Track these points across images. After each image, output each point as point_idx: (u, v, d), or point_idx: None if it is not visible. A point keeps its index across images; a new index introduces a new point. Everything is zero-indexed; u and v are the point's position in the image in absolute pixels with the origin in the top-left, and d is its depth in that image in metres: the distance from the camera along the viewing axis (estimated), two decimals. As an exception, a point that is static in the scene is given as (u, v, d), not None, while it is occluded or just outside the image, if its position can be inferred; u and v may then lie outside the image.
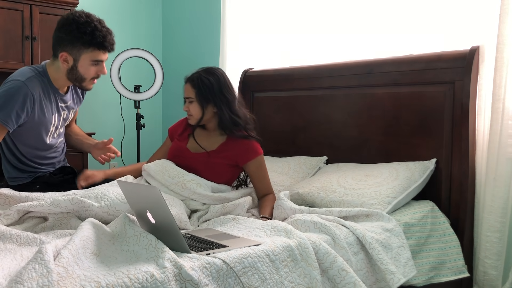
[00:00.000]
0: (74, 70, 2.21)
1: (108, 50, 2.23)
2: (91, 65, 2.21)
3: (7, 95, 2.13)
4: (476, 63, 2.33)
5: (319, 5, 3.22)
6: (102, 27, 2.18)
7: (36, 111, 2.22)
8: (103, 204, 1.94)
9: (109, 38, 2.20)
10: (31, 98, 2.17)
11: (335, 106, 2.88)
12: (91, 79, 2.27)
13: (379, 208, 2.20)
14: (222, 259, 1.53)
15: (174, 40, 4.51)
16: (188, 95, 2.35)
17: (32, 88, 2.17)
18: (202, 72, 2.35)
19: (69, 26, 2.15)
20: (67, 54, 2.18)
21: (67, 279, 1.32)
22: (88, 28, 2.14)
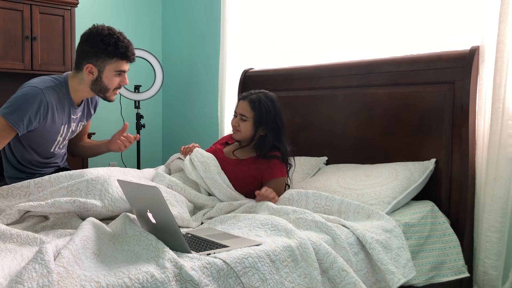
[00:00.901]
0: (99, 81, 2.28)
1: (130, 60, 2.30)
2: (114, 75, 2.28)
3: (23, 99, 2.16)
4: (476, 63, 2.33)
5: (319, 5, 3.22)
6: (124, 38, 2.26)
7: (48, 119, 2.24)
8: (107, 203, 1.93)
9: (131, 48, 2.28)
10: (45, 106, 2.20)
11: (335, 106, 2.88)
12: (114, 89, 2.33)
13: (379, 208, 2.20)
14: (222, 259, 1.53)
15: (174, 40, 4.51)
16: (244, 113, 2.40)
17: (48, 97, 2.20)
18: (262, 95, 2.41)
19: (93, 39, 2.22)
20: (92, 66, 2.24)
21: (67, 279, 1.32)
22: (111, 39, 2.21)
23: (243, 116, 2.40)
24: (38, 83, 2.23)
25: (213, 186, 2.29)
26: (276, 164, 2.39)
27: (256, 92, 2.44)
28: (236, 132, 2.44)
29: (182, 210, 2.07)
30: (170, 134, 4.59)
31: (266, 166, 2.38)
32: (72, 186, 2.00)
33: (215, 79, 3.91)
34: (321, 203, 2.19)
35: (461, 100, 2.34)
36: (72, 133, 2.47)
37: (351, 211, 2.14)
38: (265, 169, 2.38)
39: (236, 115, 2.45)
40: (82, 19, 4.12)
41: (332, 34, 3.17)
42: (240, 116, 2.41)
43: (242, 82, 3.43)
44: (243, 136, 2.42)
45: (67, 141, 2.50)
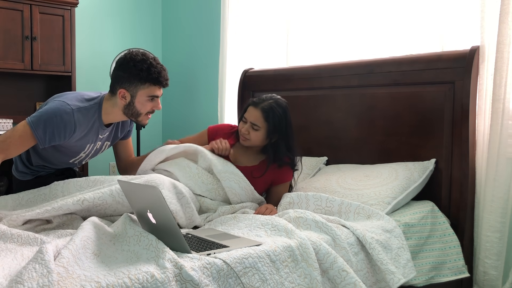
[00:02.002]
0: (131, 106, 2.26)
1: (163, 86, 2.28)
2: (147, 100, 2.26)
3: (52, 114, 2.14)
4: (476, 63, 2.33)
5: (319, 5, 3.22)
6: (157, 64, 2.24)
7: (74, 138, 2.23)
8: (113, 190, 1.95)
9: (164, 73, 2.25)
10: (73, 126, 2.18)
11: (335, 106, 2.88)
12: (146, 113, 2.31)
13: (379, 208, 2.20)
14: (222, 259, 1.53)
15: (174, 40, 4.51)
16: (256, 122, 2.29)
17: (77, 117, 2.18)
18: (274, 103, 2.31)
19: (126, 64, 2.22)
20: (125, 91, 2.23)
21: (67, 279, 1.32)
22: (144, 65, 2.20)
23: (254, 126, 2.29)
24: (72, 101, 2.21)
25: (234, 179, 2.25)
26: (287, 170, 2.39)
27: (268, 98, 2.32)
28: (245, 140, 2.33)
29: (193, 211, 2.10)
30: (170, 134, 4.59)
31: (277, 172, 2.37)
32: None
33: (215, 79, 3.91)
34: (321, 205, 2.20)
35: (461, 100, 2.34)
36: (96, 152, 2.47)
37: (352, 211, 2.15)
38: (276, 175, 2.38)
39: (246, 121, 2.32)
40: (82, 19, 4.12)
41: (332, 34, 3.16)
42: (252, 125, 2.30)
43: (242, 82, 3.43)
44: (252, 144, 2.33)
45: (89, 159, 2.49)
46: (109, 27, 4.35)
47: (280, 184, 2.40)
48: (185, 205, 2.06)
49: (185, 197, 2.06)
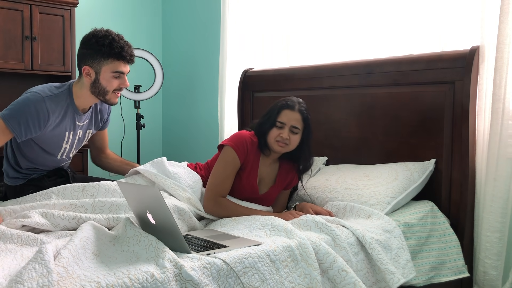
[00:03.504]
0: (97, 83, 2.25)
1: (127, 61, 2.26)
2: (112, 77, 2.24)
3: (24, 105, 2.16)
4: (476, 63, 2.33)
5: (319, 5, 3.22)
6: (119, 39, 2.24)
7: (50, 127, 2.23)
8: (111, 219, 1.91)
9: (127, 49, 2.24)
10: (46, 114, 2.18)
11: (335, 106, 2.88)
12: (113, 91, 2.29)
13: (379, 208, 2.20)
14: (222, 259, 1.53)
15: (174, 40, 4.51)
16: (297, 125, 2.21)
17: (49, 105, 2.19)
18: (304, 104, 2.27)
19: (89, 41, 2.23)
20: (89, 68, 2.23)
21: (67, 279, 1.32)
22: (106, 40, 2.20)
23: (295, 129, 2.20)
24: (41, 91, 2.22)
25: None
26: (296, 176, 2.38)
27: (297, 100, 2.26)
28: (284, 146, 2.21)
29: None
30: (170, 134, 4.59)
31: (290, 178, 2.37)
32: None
33: (215, 79, 3.91)
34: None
35: (461, 100, 2.34)
36: (80, 141, 2.45)
37: (354, 214, 2.16)
38: (290, 181, 2.38)
39: (283, 126, 2.21)
40: (82, 19, 4.12)
41: (333, 34, 3.16)
42: (292, 128, 2.20)
43: (242, 82, 3.43)
44: (290, 149, 2.24)
45: (75, 150, 2.48)
46: (109, 27, 4.33)
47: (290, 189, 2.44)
48: (188, 220, 2.04)
49: (187, 213, 2.03)
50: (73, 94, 2.29)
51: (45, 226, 1.85)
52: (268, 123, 2.24)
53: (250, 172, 2.26)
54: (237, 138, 2.26)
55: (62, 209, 1.96)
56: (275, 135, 2.21)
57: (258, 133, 2.28)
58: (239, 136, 2.27)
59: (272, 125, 2.23)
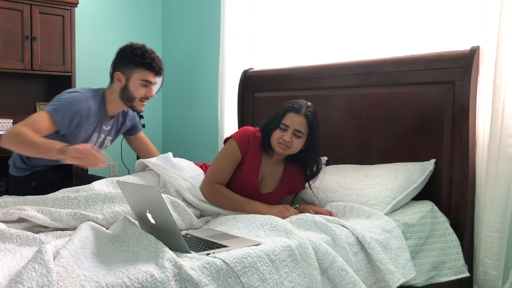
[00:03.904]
0: (126, 89, 2.42)
1: (155, 72, 2.44)
2: (140, 84, 2.41)
3: (69, 101, 2.29)
4: (476, 63, 2.33)
5: (320, 5, 3.22)
6: (152, 53, 2.43)
7: (83, 126, 2.36)
8: (107, 216, 1.93)
9: (157, 61, 2.43)
10: (86, 114, 2.33)
11: (335, 106, 2.88)
12: (140, 99, 2.45)
13: (378, 208, 2.20)
14: (222, 259, 1.53)
15: (174, 40, 4.51)
16: (301, 129, 2.20)
17: (91, 106, 2.35)
18: (312, 109, 2.26)
19: (124, 51, 2.44)
20: (121, 74, 2.42)
21: (66, 279, 1.32)
22: (139, 51, 2.40)
23: (298, 132, 2.20)
24: (83, 91, 2.39)
25: None
26: (301, 177, 2.37)
27: (304, 104, 2.25)
28: (285, 148, 2.21)
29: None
30: (170, 134, 4.59)
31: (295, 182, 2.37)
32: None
33: (215, 79, 3.91)
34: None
35: (461, 100, 2.34)
36: (99, 145, 2.53)
37: (353, 214, 2.16)
38: (295, 184, 2.38)
39: (286, 129, 2.21)
40: (82, 19, 4.12)
41: (332, 34, 3.16)
42: (295, 131, 2.20)
43: (242, 82, 3.43)
44: (292, 152, 2.24)
45: None
46: (109, 27, 4.35)
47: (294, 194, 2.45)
48: (183, 213, 2.05)
49: (181, 205, 2.05)
50: (106, 99, 2.45)
51: (42, 220, 1.86)
52: (273, 123, 2.25)
53: (251, 167, 2.27)
54: (241, 132, 2.32)
55: (54, 201, 1.98)
56: (278, 137, 2.22)
57: (263, 132, 2.29)
58: (243, 129, 2.33)
59: (276, 126, 2.23)
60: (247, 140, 2.27)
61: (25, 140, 2.09)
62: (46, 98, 4.05)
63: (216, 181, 2.23)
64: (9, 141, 2.11)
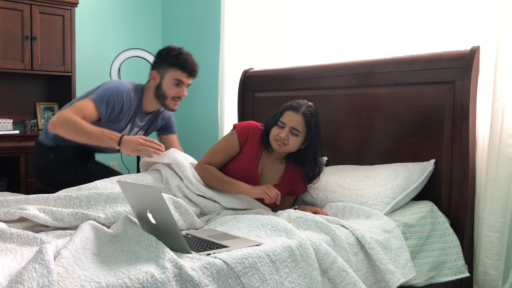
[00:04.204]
0: (159, 87, 2.53)
1: (188, 73, 2.52)
2: (173, 84, 2.51)
3: (113, 91, 2.42)
4: (476, 63, 2.33)
5: (320, 5, 3.22)
6: (188, 55, 2.52)
7: (123, 116, 2.49)
8: (109, 215, 1.93)
9: (191, 63, 2.51)
10: (125, 105, 2.45)
11: (335, 106, 2.88)
12: (172, 98, 2.54)
13: (378, 208, 2.20)
14: (222, 259, 1.53)
15: (174, 40, 4.51)
16: (297, 127, 2.22)
17: (131, 98, 2.49)
18: (312, 109, 2.27)
19: (161, 51, 2.55)
20: (156, 72, 2.53)
21: (67, 279, 1.32)
22: (175, 51, 2.51)
23: (295, 130, 2.21)
24: (125, 83, 2.52)
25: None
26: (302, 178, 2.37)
27: (304, 104, 2.26)
28: (282, 145, 2.23)
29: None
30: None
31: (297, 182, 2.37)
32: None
33: (215, 79, 3.91)
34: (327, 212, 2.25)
35: (461, 100, 2.34)
36: None
37: (353, 214, 2.16)
38: (297, 185, 2.38)
39: (283, 126, 2.23)
40: (82, 19, 4.12)
41: (332, 34, 3.16)
42: (291, 129, 2.21)
43: (242, 82, 3.43)
44: (288, 150, 2.26)
45: None
46: (109, 27, 4.35)
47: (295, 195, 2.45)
48: (184, 213, 2.05)
49: (183, 205, 2.06)
50: (143, 94, 2.57)
51: (43, 220, 1.85)
52: (272, 120, 2.30)
53: (251, 158, 2.31)
54: (244, 123, 2.39)
55: (56, 201, 1.97)
56: (275, 134, 2.25)
57: (265, 128, 2.35)
58: (246, 122, 2.41)
59: (274, 123, 2.28)
60: (247, 132, 2.34)
61: (79, 128, 2.27)
62: (46, 98, 4.06)
63: (207, 163, 2.32)
64: (59, 127, 2.30)
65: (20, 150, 3.54)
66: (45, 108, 3.99)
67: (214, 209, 2.22)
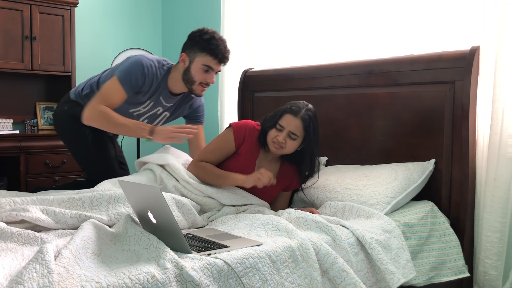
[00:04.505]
0: (188, 71, 2.46)
1: (219, 60, 2.44)
2: (201, 69, 2.43)
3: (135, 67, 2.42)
4: (476, 63, 2.33)
5: (320, 5, 3.22)
6: (220, 40, 2.44)
7: (143, 90, 2.47)
8: (113, 217, 1.92)
9: (222, 49, 2.43)
10: (148, 77, 2.44)
11: (335, 106, 2.88)
12: (200, 84, 2.47)
13: (378, 208, 2.20)
14: (223, 259, 1.53)
15: (174, 40, 4.51)
16: (296, 131, 2.21)
17: (153, 71, 2.46)
18: (311, 113, 2.26)
19: (194, 34, 2.47)
20: (186, 55, 2.46)
21: (67, 280, 1.32)
22: (207, 35, 2.42)
23: (293, 135, 2.21)
24: (149, 56, 2.50)
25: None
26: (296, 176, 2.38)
27: (304, 106, 2.25)
28: (279, 148, 2.23)
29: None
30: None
31: (291, 179, 2.37)
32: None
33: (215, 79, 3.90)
34: (326, 211, 2.25)
35: (461, 100, 2.34)
36: (154, 117, 2.64)
37: (353, 214, 2.16)
38: (291, 182, 2.39)
39: (282, 129, 2.22)
40: (82, 19, 4.11)
41: (332, 34, 3.16)
42: (290, 133, 2.21)
43: (242, 82, 3.43)
44: (285, 153, 2.26)
45: (145, 121, 2.60)
46: (109, 27, 4.35)
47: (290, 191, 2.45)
48: (187, 213, 2.05)
49: (185, 205, 2.05)
50: (170, 74, 2.51)
51: (46, 223, 1.84)
52: (270, 122, 2.28)
53: (248, 158, 2.31)
54: (240, 123, 2.38)
55: (60, 203, 1.96)
56: (273, 136, 2.24)
57: (262, 128, 2.33)
58: (243, 122, 2.40)
59: (273, 125, 2.26)
60: (243, 132, 2.33)
61: (111, 121, 2.36)
62: (46, 98, 4.05)
63: (201, 161, 2.33)
64: (92, 121, 2.40)
65: (20, 150, 3.54)
66: (45, 108, 3.99)
67: (214, 206, 2.22)
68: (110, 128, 2.44)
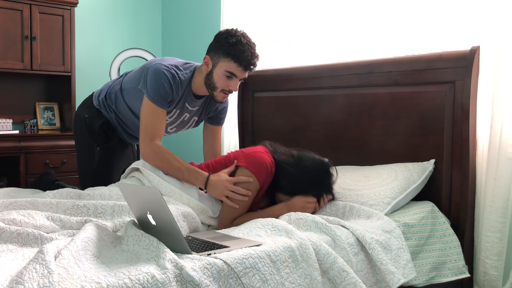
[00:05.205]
0: (210, 76, 2.30)
1: (244, 67, 2.25)
2: (224, 75, 2.27)
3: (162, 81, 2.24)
4: (476, 63, 2.33)
5: (320, 5, 3.22)
6: (246, 44, 2.23)
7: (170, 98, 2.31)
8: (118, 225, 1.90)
9: (248, 55, 2.22)
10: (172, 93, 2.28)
11: (335, 106, 2.88)
12: (222, 90, 2.31)
13: (378, 208, 2.20)
14: (223, 259, 1.53)
15: (174, 40, 4.51)
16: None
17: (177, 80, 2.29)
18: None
19: (221, 35, 2.28)
20: (209, 58, 2.29)
21: (67, 280, 1.32)
22: (233, 39, 2.22)
23: None
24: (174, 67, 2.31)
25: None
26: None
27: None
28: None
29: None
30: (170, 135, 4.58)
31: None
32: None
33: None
34: (326, 210, 2.24)
35: (462, 100, 2.34)
36: (183, 124, 2.55)
37: (353, 214, 2.16)
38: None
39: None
40: (82, 19, 4.12)
41: (332, 34, 3.16)
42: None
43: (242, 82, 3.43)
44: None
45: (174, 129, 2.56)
46: (109, 27, 4.35)
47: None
48: (191, 221, 2.04)
49: (190, 214, 2.03)
50: (193, 77, 2.36)
51: (50, 228, 1.83)
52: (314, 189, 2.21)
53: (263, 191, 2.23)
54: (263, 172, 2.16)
55: (65, 211, 1.94)
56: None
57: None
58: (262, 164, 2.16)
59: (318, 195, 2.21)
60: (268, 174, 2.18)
61: (170, 165, 2.19)
62: (46, 98, 4.06)
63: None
64: (152, 162, 2.23)
65: (20, 150, 3.54)
66: (44, 108, 3.99)
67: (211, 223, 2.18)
68: (165, 169, 2.23)
